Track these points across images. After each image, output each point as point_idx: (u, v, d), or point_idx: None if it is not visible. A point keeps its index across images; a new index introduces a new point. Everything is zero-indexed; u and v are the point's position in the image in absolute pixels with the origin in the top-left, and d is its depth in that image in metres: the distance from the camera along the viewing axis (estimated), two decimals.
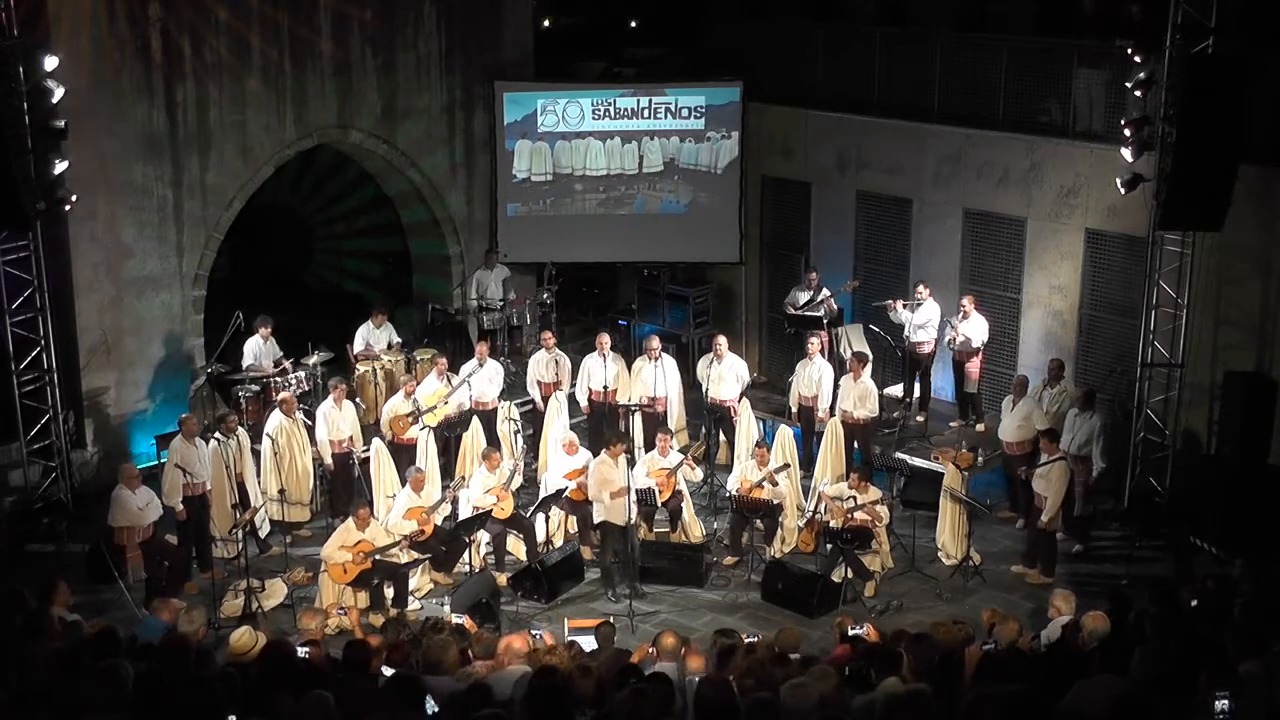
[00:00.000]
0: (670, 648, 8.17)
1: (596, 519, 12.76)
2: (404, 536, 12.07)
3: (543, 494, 13.18)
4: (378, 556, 11.66)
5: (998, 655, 8.01)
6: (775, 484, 12.75)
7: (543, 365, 14.85)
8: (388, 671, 7.81)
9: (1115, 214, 14.03)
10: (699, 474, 13.72)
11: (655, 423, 14.24)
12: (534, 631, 10.23)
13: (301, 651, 8.14)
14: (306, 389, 14.47)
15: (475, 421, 14.03)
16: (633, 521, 12.21)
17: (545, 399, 14.59)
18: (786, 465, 13.07)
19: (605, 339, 14.88)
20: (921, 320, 15.03)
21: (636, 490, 12.23)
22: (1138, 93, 12.64)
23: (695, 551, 12.82)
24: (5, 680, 6.68)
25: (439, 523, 12.58)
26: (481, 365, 14.43)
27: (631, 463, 12.56)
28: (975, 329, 14.73)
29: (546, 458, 13.97)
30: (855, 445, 14.06)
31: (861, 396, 13.94)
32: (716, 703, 6.30)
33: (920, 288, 15.02)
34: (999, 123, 15.15)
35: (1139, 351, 13.46)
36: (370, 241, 19.57)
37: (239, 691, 6.54)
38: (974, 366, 14.91)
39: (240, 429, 13.01)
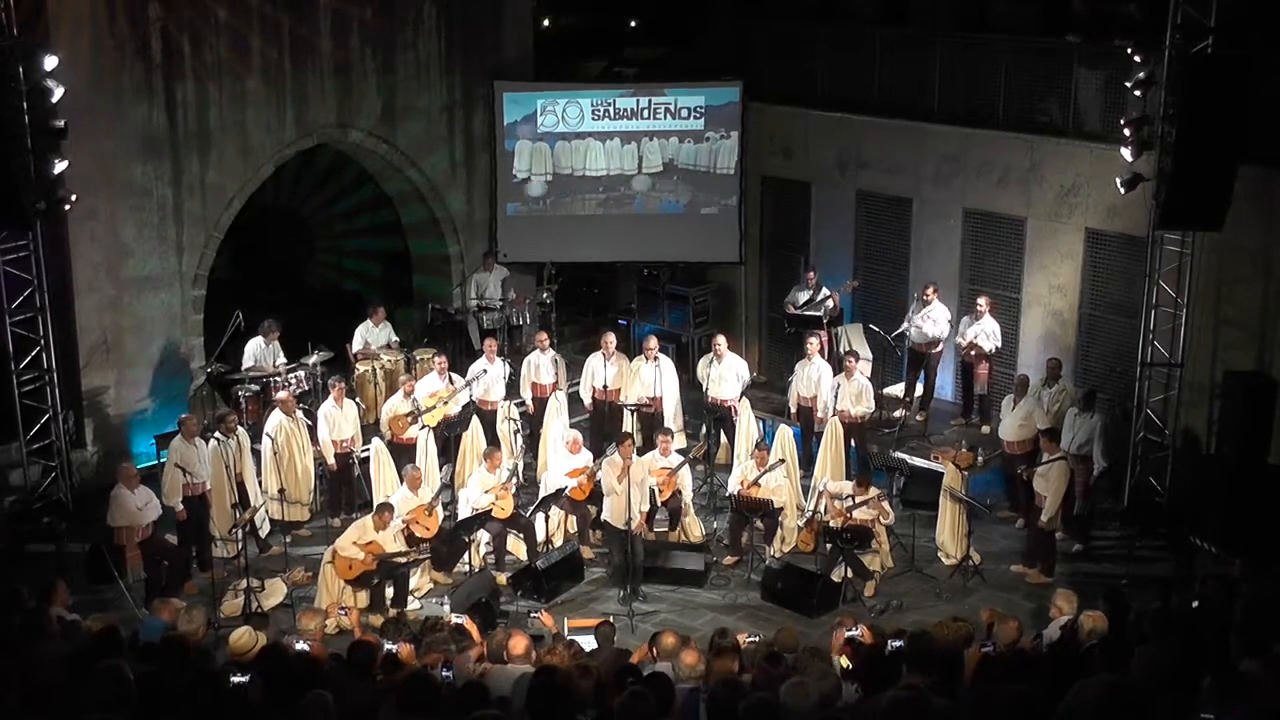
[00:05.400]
0: (670, 648, 8.15)
1: (605, 517, 12.65)
2: (412, 548, 12.08)
3: (543, 494, 13.18)
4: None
5: (997, 655, 8.00)
6: (760, 484, 12.70)
7: (534, 366, 14.77)
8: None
9: (1115, 214, 14.02)
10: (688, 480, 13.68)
11: (653, 422, 14.24)
12: (532, 615, 10.24)
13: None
14: (306, 389, 14.46)
15: (475, 421, 14.02)
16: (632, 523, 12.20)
17: (543, 400, 14.58)
18: (782, 460, 13.06)
19: (610, 338, 14.84)
20: (933, 327, 14.96)
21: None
22: (1137, 93, 12.63)
23: (695, 551, 12.82)
24: (8, 681, 6.68)
25: (441, 515, 12.58)
26: (491, 364, 14.39)
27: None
28: (988, 331, 14.60)
29: (546, 457, 13.97)
30: (852, 443, 14.05)
31: (858, 394, 13.94)
32: (731, 705, 6.28)
33: (929, 290, 14.95)
34: (999, 123, 15.15)
35: (1139, 351, 13.45)
36: (370, 241, 19.56)
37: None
38: (983, 369, 14.81)
39: (240, 429, 13.00)
